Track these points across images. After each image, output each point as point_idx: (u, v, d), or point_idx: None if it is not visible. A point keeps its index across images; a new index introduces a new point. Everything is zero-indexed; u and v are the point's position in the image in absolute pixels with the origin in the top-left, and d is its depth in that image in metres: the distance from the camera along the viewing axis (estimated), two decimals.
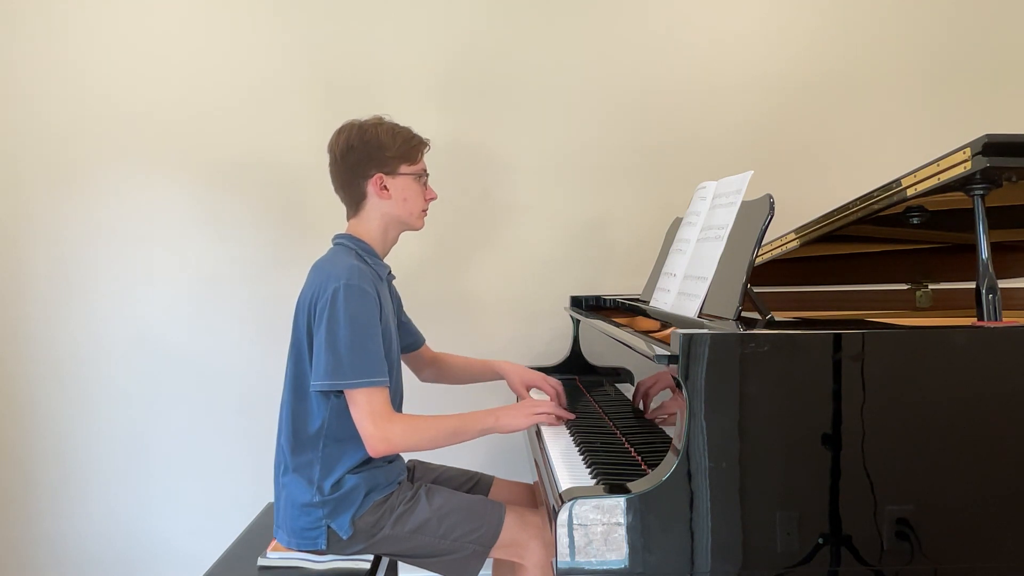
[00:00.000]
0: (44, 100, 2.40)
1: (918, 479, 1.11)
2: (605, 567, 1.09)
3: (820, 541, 1.10)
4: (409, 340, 1.89)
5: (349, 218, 1.66)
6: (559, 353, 2.34)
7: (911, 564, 1.10)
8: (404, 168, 1.61)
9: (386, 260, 1.67)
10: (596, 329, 1.94)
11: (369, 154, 1.58)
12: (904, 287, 2.15)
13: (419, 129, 1.67)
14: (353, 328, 1.44)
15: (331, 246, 1.64)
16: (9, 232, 2.43)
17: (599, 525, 1.08)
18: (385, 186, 1.59)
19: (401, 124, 1.64)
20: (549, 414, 1.62)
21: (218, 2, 2.41)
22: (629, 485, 1.11)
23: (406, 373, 1.99)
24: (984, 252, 1.21)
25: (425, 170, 1.66)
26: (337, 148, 1.60)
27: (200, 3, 2.41)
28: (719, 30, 2.47)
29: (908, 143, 2.45)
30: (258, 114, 2.42)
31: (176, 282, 2.45)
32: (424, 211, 1.67)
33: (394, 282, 1.76)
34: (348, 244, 1.61)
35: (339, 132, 1.62)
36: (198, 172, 2.43)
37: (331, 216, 1.81)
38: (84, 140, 2.41)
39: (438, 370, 1.97)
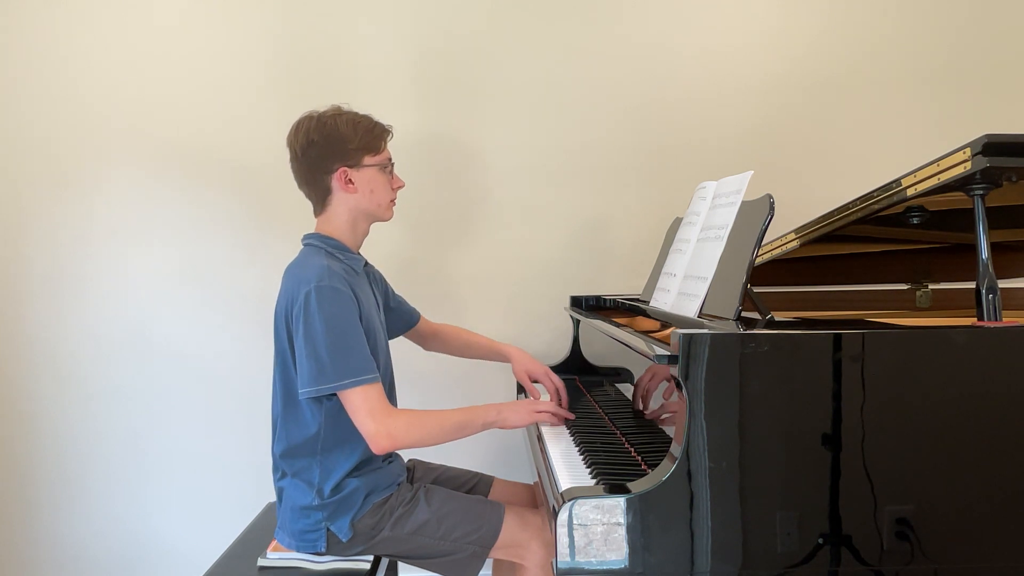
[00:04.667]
0: (40, 102, 2.40)
1: (918, 479, 1.11)
2: (605, 567, 1.09)
3: (820, 541, 1.10)
4: (404, 321, 1.88)
5: (316, 215, 1.61)
6: (559, 353, 2.34)
7: (911, 564, 1.10)
8: (368, 159, 1.55)
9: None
10: (596, 329, 1.94)
11: (331, 147, 1.52)
12: (904, 287, 2.15)
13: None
14: (331, 330, 1.41)
15: (301, 247, 1.61)
16: (7, 233, 2.43)
17: (599, 525, 1.08)
18: (350, 179, 1.54)
19: (360, 112, 1.58)
20: (550, 414, 1.62)
21: (200, 4, 2.41)
22: (629, 485, 1.11)
23: (412, 349, 1.98)
24: (984, 252, 1.21)
25: (390, 159, 1.61)
26: (296, 143, 1.54)
27: (191, 5, 2.41)
28: (719, 31, 2.46)
29: (908, 143, 2.45)
30: (255, 114, 2.42)
31: (175, 282, 2.45)
32: (392, 201, 1.63)
33: (388, 277, 1.74)
34: (317, 243, 1.57)
35: (297, 126, 1.55)
36: (197, 172, 2.43)
37: None
38: (81, 141, 2.41)
39: (442, 341, 1.96)
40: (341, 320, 1.43)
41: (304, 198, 1.64)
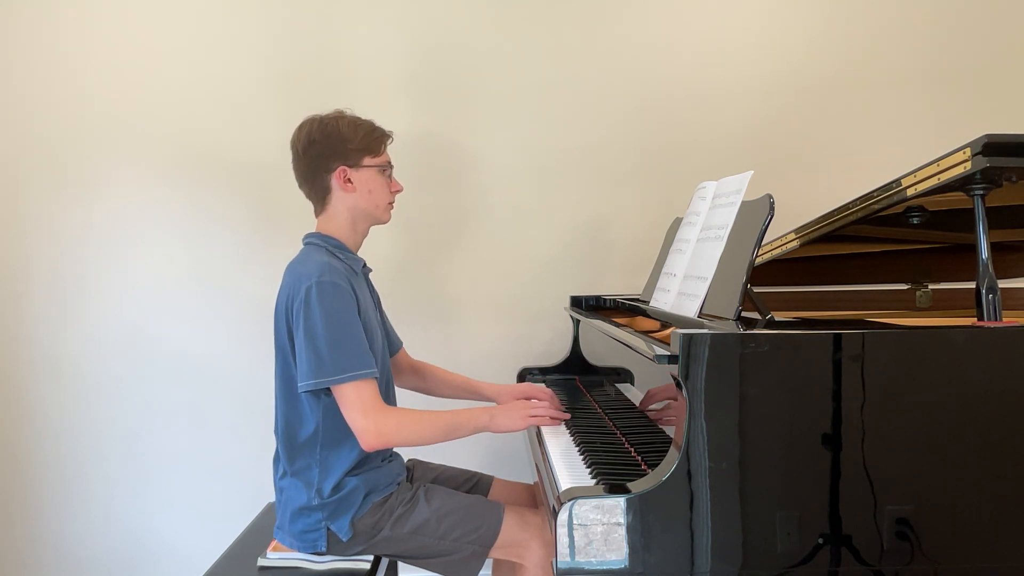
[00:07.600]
0: (39, 101, 2.40)
1: (918, 479, 1.11)
2: (605, 567, 1.09)
3: (820, 541, 1.10)
4: (388, 343, 1.84)
5: (317, 215, 1.64)
6: (559, 353, 2.34)
7: (911, 564, 1.10)
8: (367, 160, 1.59)
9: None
10: (596, 329, 1.94)
11: (331, 147, 1.56)
12: (904, 287, 2.15)
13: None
14: (330, 324, 1.43)
15: (302, 246, 1.63)
16: (7, 232, 2.43)
17: (599, 525, 1.08)
18: (349, 179, 1.57)
19: (363, 117, 1.62)
20: (544, 416, 1.62)
21: (201, 3, 2.41)
22: (629, 485, 1.11)
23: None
24: (984, 252, 1.21)
25: (389, 162, 1.64)
26: (299, 143, 1.58)
27: (191, 4, 2.41)
28: (719, 31, 2.46)
29: (908, 143, 2.45)
30: (255, 114, 2.42)
31: (175, 282, 2.45)
32: (390, 204, 1.66)
33: (388, 278, 1.73)
34: (318, 242, 1.59)
35: (300, 127, 1.59)
36: (195, 172, 2.43)
37: None
38: (81, 141, 2.41)
39: (419, 378, 1.91)
40: (340, 315, 1.45)
41: (305, 199, 1.64)
